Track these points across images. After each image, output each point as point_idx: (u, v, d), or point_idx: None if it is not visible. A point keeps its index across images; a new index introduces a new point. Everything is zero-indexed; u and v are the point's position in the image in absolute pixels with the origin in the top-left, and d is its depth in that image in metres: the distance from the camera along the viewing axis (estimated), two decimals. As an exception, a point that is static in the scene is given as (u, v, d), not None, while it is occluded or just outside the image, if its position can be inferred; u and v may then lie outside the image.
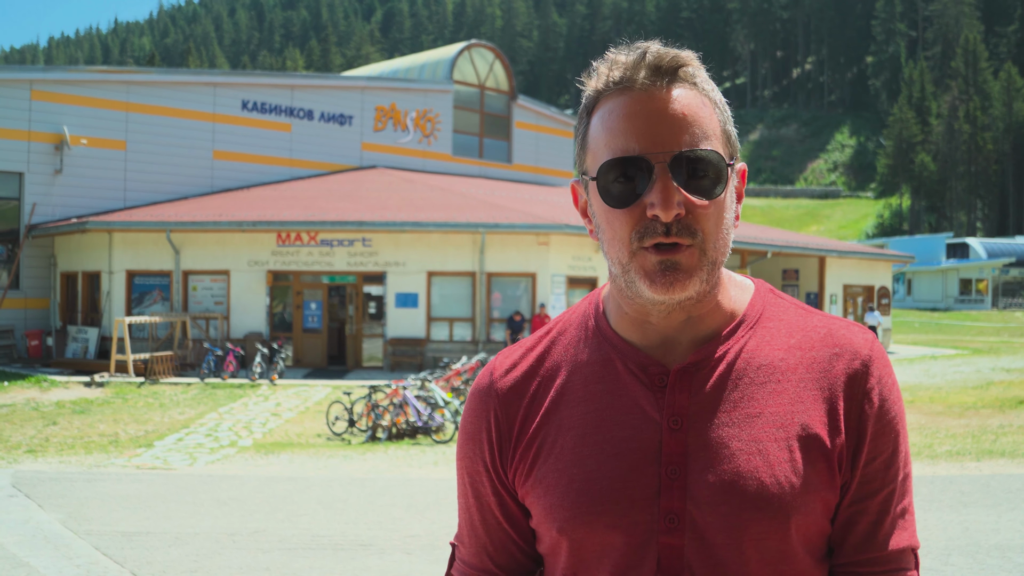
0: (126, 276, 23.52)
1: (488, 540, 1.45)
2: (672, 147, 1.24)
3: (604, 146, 1.28)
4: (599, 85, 1.31)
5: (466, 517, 1.47)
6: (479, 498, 1.44)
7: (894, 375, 1.36)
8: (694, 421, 1.29)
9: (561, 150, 39.18)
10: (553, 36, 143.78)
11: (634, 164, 1.25)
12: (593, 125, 1.32)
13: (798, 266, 31.25)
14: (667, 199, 1.22)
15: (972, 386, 19.46)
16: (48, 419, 15.04)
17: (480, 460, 1.42)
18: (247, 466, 11.29)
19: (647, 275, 1.26)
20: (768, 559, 1.26)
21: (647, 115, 1.26)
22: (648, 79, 1.27)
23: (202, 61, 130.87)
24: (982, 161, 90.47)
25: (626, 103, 1.27)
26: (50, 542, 7.46)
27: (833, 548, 1.34)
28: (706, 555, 1.26)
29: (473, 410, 1.44)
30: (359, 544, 7.38)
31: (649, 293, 1.27)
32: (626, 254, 1.27)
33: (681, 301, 1.29)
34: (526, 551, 1.44)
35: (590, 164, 1.32)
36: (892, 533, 1.33)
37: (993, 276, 62.88)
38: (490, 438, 1.41)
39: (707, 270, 1.27)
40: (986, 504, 8.62)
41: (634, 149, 1.25)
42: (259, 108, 29.57)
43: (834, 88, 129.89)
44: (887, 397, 1.33)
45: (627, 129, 1.26)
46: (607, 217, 1.29)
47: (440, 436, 13.32)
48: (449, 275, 22.83)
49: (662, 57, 1.27)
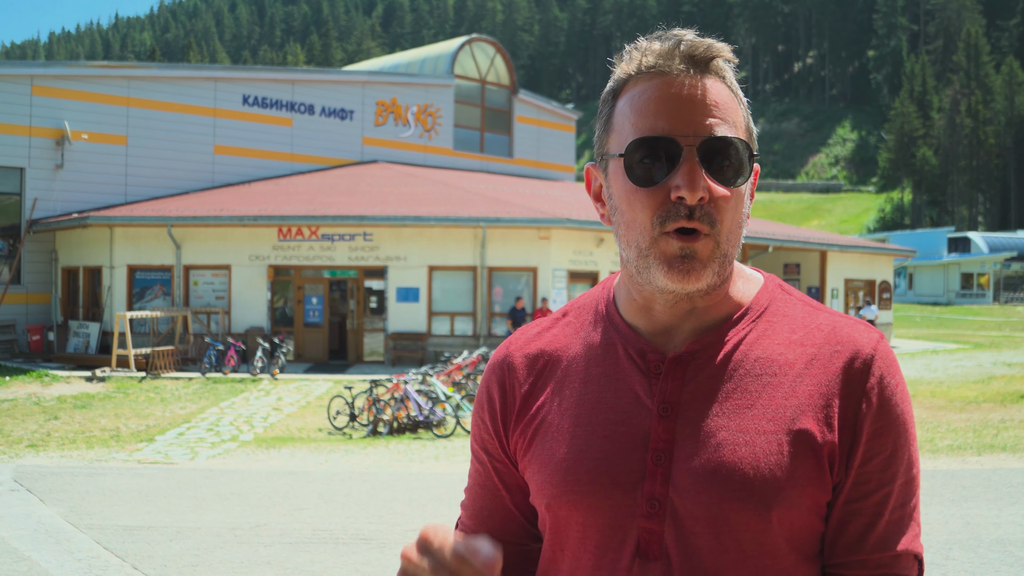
0: (127, 271, 23.52)
1: (484, 504, 1.50)
2: (701, 131, 1.25)
3: (631, 126, 1.28)
4: (631, 69, 1.31)
5: (470, 482, 1.53)
6: (481, 463, 1.49)
7: (900, 376, 1.32)
8: (684, 409, 1.30)
9: (562, 144, 39.15)
10: (554, 30, 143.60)
11: (662, 144, 1.25)
12: (620, 107, 1.32)
13: (799, 260, 31.23)
14: (694, 181, 1.23)
15: (973, 380, 19.46)
16: (49, 414, 15.05)
17: (485, 428, 1.47)
18: (248, 460, 11.30)
19: (666, 261, 1.26)
20: (746, 550, 1.25)
21: (678, 99, 1.26)
22: (682, 67, 1.27)
23: (203, 56, 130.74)
24: (984, 155, 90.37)
25: (658, 86, 1.28)
26: (52, 536, 7.47)
27: (827, 548, 1.31)
28: (684, 542, 1.26)
29: (485, 380, 1.49)
30: (360, 538, 7.39)
31: (664, 280, 1.27)
32: (647, 239, 1.27)
33: (691, 292, 1.29)
34: (520, 522, 1.47)
35: (613, 144, 1.32)
36: (888, 536, 1.29)
37: (994, 270, 62.86)
38: (493, 407, 1.45)
39: (719, 262, 1.28)
40: (987, 498, 8.63)
41: (663, 129, 1.25)
42: (260, 103, 29.54)
43: (835, 82, 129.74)
44: (888, 397, 1.29)
45: (657, 110, 1.26)
46: (628, 198, 1.29)
47: (441, 430, 13.32)
48: (450, 269, 22.82)
49: (697, 47, 1.28)
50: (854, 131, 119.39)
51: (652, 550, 1.27)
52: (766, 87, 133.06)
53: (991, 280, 62.47)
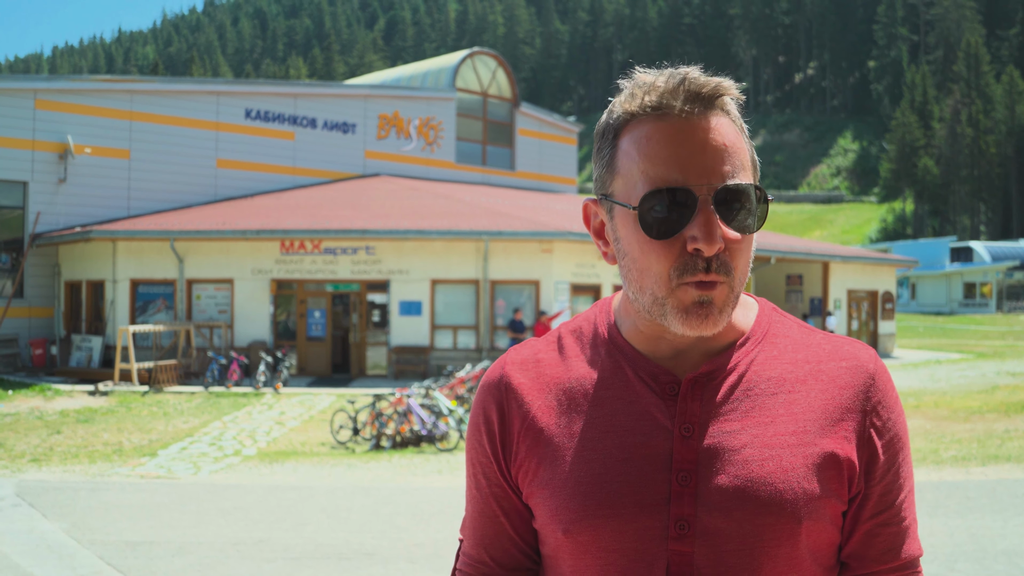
0: (130, 285, 23.55)
1: (485, 532, 1.47)
2: (714, 179, 1.23)
3: (641, 173, 1.26)
4: (632, 107, 1.29)
5: (470, 509, 1.50)
6: (480, 489, 1.46)
7: (895, 389, 1.39)
8: (705, 429, 1.30)
9: (564, 157, 39.20)
10: (555, 43, 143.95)
11: (676, 196, 1.23)
12: (624, 148, 1.29)
13: (802, 271, 31.22)
14: (710, 233, 1.22)
15: (977, 390, 19.41)
16: (52, 428, 15.04)
17: (483, 452, 1.44)
18: (251, 475, 11.28)
19: (683, 309, 1.26)
20: (779, 565, 1.27)
21: (689, 145, 1.24)
22: (686, 107, 1.25)
23: (205, 70, 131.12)
24: (985, 164, 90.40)
25: (665, 129, 1.25)
26: (54, 551, 7.45)
27: (850, 560, 1.35)
28: (716, 561, 1.26)
29: (481, 403, 1.45)
30: (363, 553, 7.37)
31: (681, 327, 1.28)
32: (663, 288, 1.27)
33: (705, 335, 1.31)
34: (522, 547, 1.45)
35: (620, 189, 1.30)
36: (908, 542, 1.36)
37: (997, 280, 62.84)
38: (492, 432, 1.42)
39: (732, 304, 1.29)
40: (992, 509, 8.59)
41: (677, 179, 1.23)
42: (262, 116, 29.61)
43: (836, 93, 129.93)
44: (892, 409, 1.36)
45: (668, 158, 1.24)
46: (643, 248, 1.27)
47: (444, 444, 13.30)
48: (453, 283, 22.82)
49: (702, 85, 1.26)
50: (855, 142, 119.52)
51: (684, 572, 1.27)
52: (767, 98, 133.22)
53: (994, 289, 62.43)
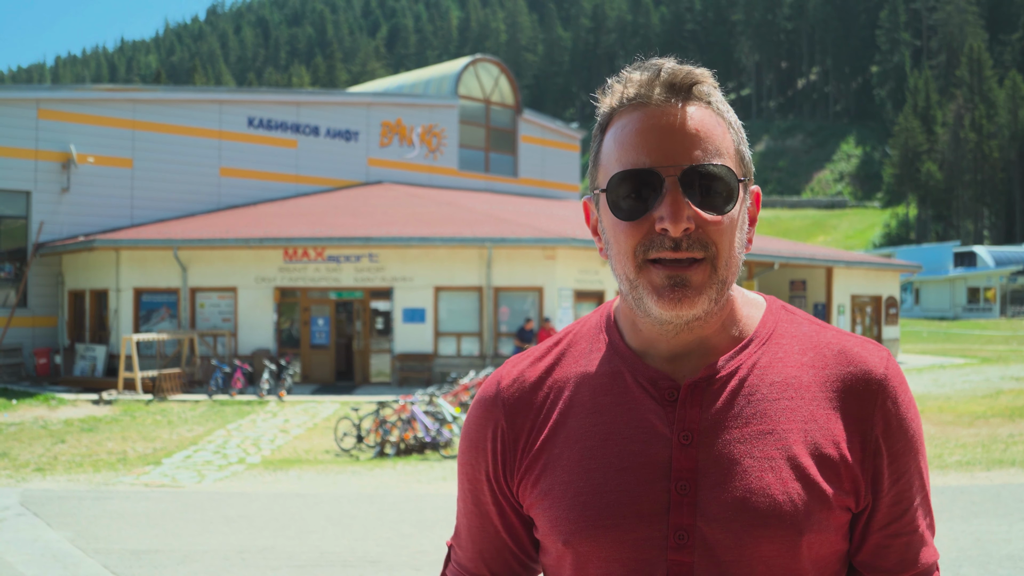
0: (133, 294, 23.57)
1: (485, 547, 1.45)
2: (683, 161, 1.23)
3: (615, 160, 1.28)
4: (613, 103, 1.31)
5: (465, 522, 1.48)
6: (479, 505, 1.44)
7: (910, 392, 1.35)
8: (705, 436, 1.28)
9: (567, 164, 39.21)
10: (558, 50, 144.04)
11: (644, 177, 1.24)
12: (606, 141, 1.31)
13: (805, 277, 31.19)
14: (676, 212, 1.21)
15: (981, 395, 19.37)
16: (56, 437, 15.05)
17: (483, 470, 1.41)
18: (256, 483, 11.28)
19: (655, 290, 1.25)
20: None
21: (659, 129, 1.25)
22: (663, 96, 1.26)
23: (208, 78, 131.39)
24: (988, 169, 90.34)
25: (639, 118, 1.27)
26: (59, 561, 7.45)
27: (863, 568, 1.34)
28: (716, 572, 1.25)
29: (478, 419, 1.43)
30: (368, 561, 7.37)
31: (657, 309, 1.26)
32: (632, 268, 1.26)
33: (689, 321, 1.28)
34: (523, 561, 1.45)
35: (601, 178, 1.31)
36: (921, 549, 1.34)
37: (1001, 284, 62.73)
38: (494, 449, 1.40)
39: (716, 288, 1.26)
40: (997, 514, 8.58)
41: (644, 162, 1.24)
42: (265, 125, 29.65)
43: (839, 98, 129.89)
44: (904, 416, 1.32)
45: (638, 143, 1.25)
46: (615, 230, 1.28)
47: (448, 451, 13.29)
48: (456, 290, 22.83)
49: (676, 74, 1.27)
50: (858, 147, 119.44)
51: None
52: (770, 104, 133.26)
53: (997, 294, 62.32)
